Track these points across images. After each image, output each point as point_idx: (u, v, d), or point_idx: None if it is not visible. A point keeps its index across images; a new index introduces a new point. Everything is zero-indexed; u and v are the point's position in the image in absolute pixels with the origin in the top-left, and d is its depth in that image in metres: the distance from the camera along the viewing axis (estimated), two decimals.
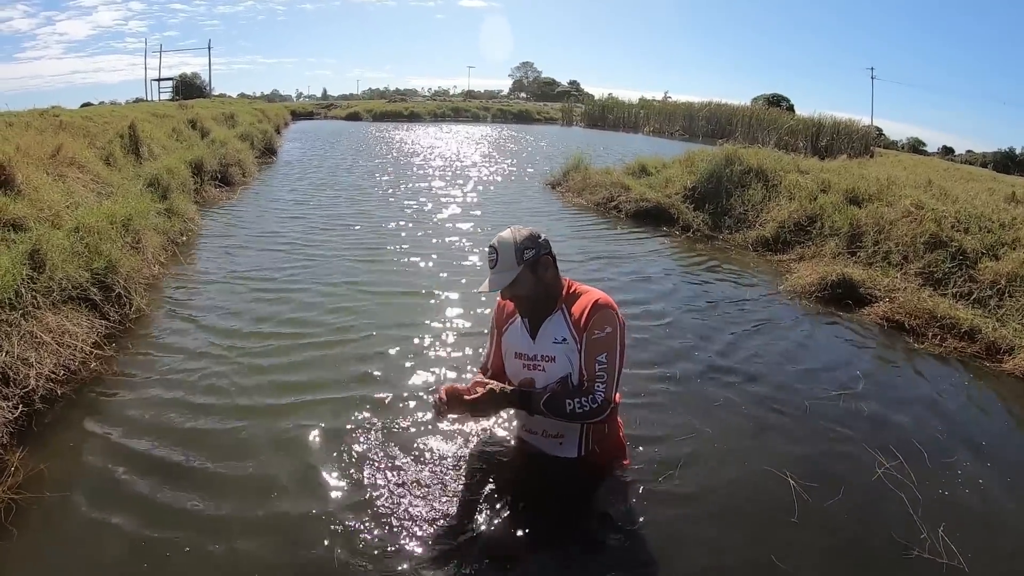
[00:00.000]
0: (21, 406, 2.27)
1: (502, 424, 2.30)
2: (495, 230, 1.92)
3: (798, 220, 5.64)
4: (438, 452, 2.16)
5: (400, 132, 21.04)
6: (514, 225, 1.88)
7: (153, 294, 3.70)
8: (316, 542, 1.74)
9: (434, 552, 1.71)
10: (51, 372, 2.52)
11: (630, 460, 2.11)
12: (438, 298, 3.89)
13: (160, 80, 33.23)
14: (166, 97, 29.01)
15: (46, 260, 3.01)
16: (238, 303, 3.66)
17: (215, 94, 31.72)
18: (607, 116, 30.47)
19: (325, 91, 70.50)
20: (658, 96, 33.72)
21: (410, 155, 13.52)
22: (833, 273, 4.28)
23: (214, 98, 25.91)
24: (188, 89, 31.43)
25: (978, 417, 2.76)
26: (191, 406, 2.45)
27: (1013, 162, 29.23)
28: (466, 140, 18.49)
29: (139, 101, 23.90)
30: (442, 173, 10.46)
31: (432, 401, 1.82)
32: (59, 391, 2.48)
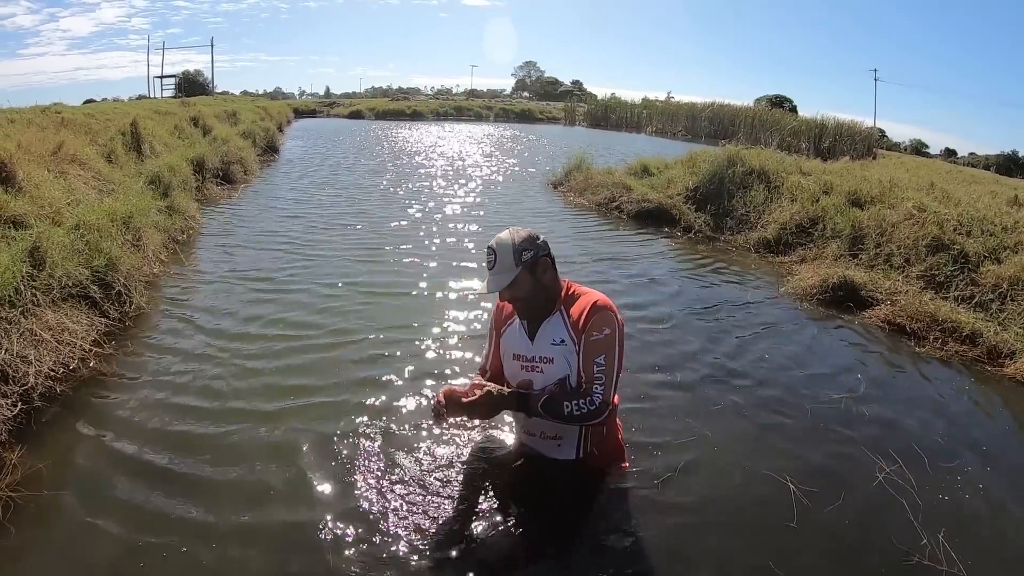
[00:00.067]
0: (20, 404, 2.28)
1: (500, 426, 2.29)
2: (496, 230, 1.90)
3: (800, 222, 5.62)
4: (435, 455, 2.15)
5: (402, 131, 21.04)
6: (513, 226, 1.87)
7: (153, 292, 3.70)
8: (309, 549, 1.72)
9: (429, 558, 1.70)
10: (50, 370, 2.53)
11: (629, 463, 2.10)
12: (438, 299, 3.88)
13: (163, 77, 33.33)
14: (169, 94, 29.03)
15: (46, 257, 3.02)
16: (237, 303, 3.65)
17: (218, 91, 31.79)
18: (610, 116, 30.41)
19: (328, 89, 70.51)
20: (661, 96, 33.78)
21: (412, 154, 13.52)
22: (835, 275, 4.27)
23: (217, 95, 25.93)
24: (191, 86, 31.48)
25: (979, 422, 2.75)
26: (188, 409, 2.44)
27: (1016, 165, 29.16)
28: (468, 139, 18.48)
29: (142, 98, 23.89)
30: (444, 172, 10.45)
31: (431, 405, 1.81)
32: (58, 389, 2.48)
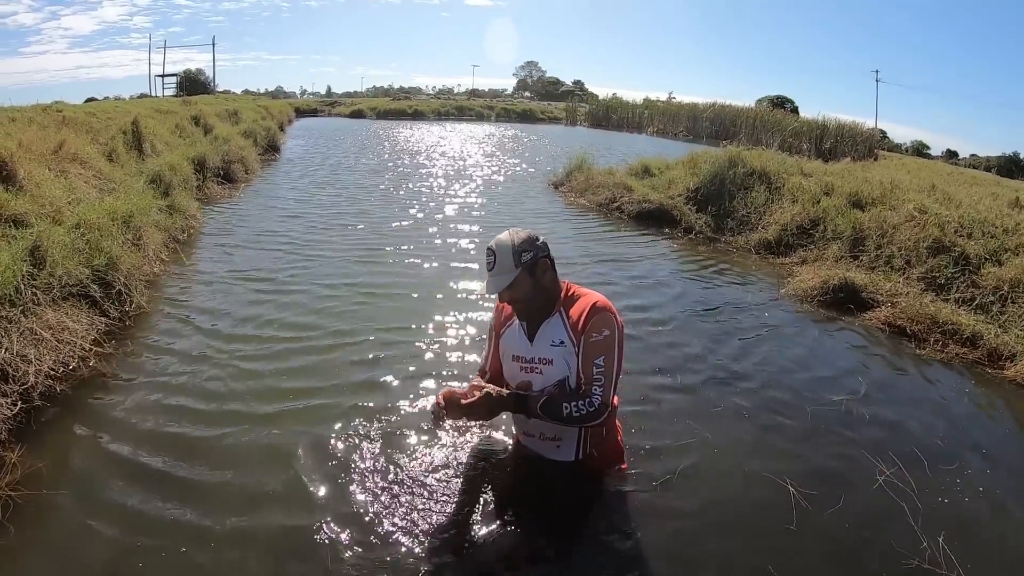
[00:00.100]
0: (20, 403, 2.28)
1: (500, 427, 2.29)
2: (497, 231, 1.90)
3: (801, 223, 5.62)
4: (434, 457, 2.15)
5: (404, 130, 21.04)
6: (513, 227, 1.87)
7: (153, 292, 3.70)
8: (307, 552, 1.72)
9: (427, 559, 1.70)
10: (50, 369, 2.53)
11: (628, 464, 2.10)
12: (438, 300, 3.88)
13: (164, 76, 33.35)
14: (170, 93, 29.03)
15: (47, 256, 3.01)
16: (237, 304, 3.65)
17: (219, 90, 31.87)
18: (611, 116, 30.40)
19: (329, 88, 70.78)
20: (662, 96, 33.72)
21: (413, 153, 13.52)
22: (835, 277, 4.27)
23: (218, 94, 25.96)
24: (192, 85, 31.54)
25: (979, 424, 2.75)
26: (186, 410, 2.44)
27: (1017, 166, 29.13)
28: (469, 139, 18.48)
29: (143, 97, 23.93)
30: (445, 172, 10.45)
31: (430, 408, 1.81)
32: (58, 388, 2.48)
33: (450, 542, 1.76)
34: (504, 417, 2.18)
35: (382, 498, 1.93)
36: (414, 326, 3.40)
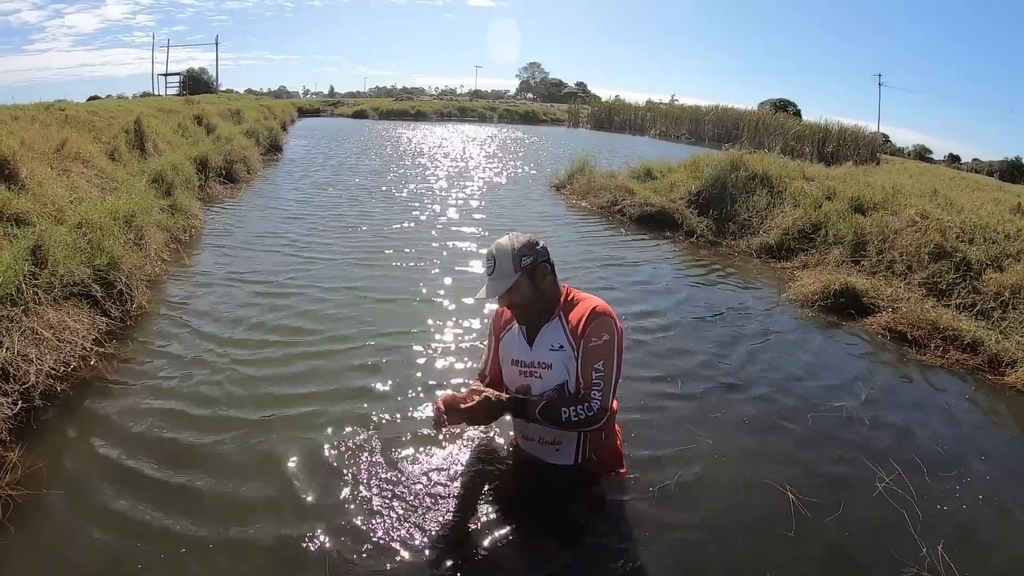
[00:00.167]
0: (21, 402, 2.28)
1: (499, 431, 2.28)
2: (498, 234, 1.90)
3: (802, 227, 5.61)
4: (433, 460, 2.15)
5: (406, 131, 21.06)
6: (513, 231, 1.88)
7: (155, 292, 3.71)
8: (304, 559, 1.71)
9: (424, 564, 1.69)
10: (51, 369, 2.53)
11: (627, 469, 2.10)
12: (438, 304, 3.87)
13: (167, 75, 33.46)
14: (173, 92, 29.11)
15: (48, 255, 3.02)
16: (237, 306, 3.64)
17: (222, 90, 31.95)
18: (614, 118, 30.40)
19: (332, 88, 70.78)
20: (665, 99, 33.80)
21: (415, 154, 13.53)
22: (836, 282, 4.26)
23: (221, 94, 26.04)
24: (195, 84, 31.66)
25: (980, 431, 2.74)
26: (184, 414, 2.42)
27: (1019, 171, 29.05)
28: (472, 140, 18.49)
29: (146, 95, 23.97)
30: (447, 173, 10.46)
31: (430, 412, 1.81)
32: (59, 388, 2.48)
33: (448, 546, 1.76)
34: (503, 421, 2.19)
35: (379, 503, 1.92)
36: (414, 330, 3.39)
